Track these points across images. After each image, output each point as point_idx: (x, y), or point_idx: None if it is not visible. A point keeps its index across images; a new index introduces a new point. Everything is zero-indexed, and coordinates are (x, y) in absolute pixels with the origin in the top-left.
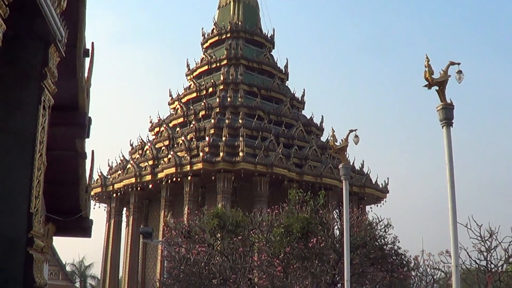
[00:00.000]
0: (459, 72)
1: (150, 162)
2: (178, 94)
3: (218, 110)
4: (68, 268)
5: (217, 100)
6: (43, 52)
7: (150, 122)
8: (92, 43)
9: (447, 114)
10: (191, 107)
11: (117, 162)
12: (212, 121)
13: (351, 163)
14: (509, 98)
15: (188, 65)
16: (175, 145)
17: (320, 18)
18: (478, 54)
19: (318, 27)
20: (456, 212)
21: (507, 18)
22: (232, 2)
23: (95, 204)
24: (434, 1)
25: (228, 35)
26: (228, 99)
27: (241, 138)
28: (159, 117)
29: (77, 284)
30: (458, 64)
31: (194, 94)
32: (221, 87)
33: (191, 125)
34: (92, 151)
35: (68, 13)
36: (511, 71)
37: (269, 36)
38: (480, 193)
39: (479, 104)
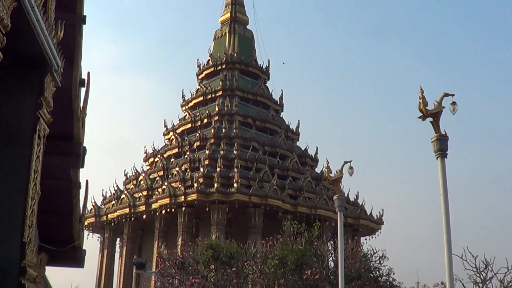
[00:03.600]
0: (453, 103)
1: (144, 193)
2: (173, 124)
3: (212, 141)
4: None
5: (212, 131)
6: (39, 81)
7: (145, 152)
8: (88, 73)
9: (441, 145)
10: (186, 138)
11: (111, 192)
12: (207, 152)
13: (346, 195)
14: (504, 126)
15: (183, 96)
16: (170, 176)
17: (316, 49)
18: (473, 85)
19: (313, 58)
20: (451, 244)
21: (503, 47)
22: (227, 34)
23: (88, 234)
24: (430, 32)
25: (224, 66)
26: (223, 130)
27: (235, 169)
28: (154, 147)
29: None
30: (452, 95)
31: (189, 125)
32: (216, 118)
33: (186, 156)
34: (86, 181)
35: (64, 43)
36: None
37: (264, 67)
38: (476, 223)
39: (474, 133)
